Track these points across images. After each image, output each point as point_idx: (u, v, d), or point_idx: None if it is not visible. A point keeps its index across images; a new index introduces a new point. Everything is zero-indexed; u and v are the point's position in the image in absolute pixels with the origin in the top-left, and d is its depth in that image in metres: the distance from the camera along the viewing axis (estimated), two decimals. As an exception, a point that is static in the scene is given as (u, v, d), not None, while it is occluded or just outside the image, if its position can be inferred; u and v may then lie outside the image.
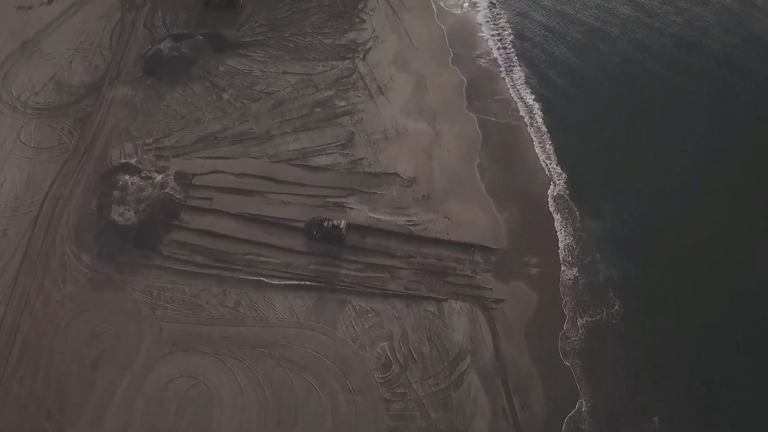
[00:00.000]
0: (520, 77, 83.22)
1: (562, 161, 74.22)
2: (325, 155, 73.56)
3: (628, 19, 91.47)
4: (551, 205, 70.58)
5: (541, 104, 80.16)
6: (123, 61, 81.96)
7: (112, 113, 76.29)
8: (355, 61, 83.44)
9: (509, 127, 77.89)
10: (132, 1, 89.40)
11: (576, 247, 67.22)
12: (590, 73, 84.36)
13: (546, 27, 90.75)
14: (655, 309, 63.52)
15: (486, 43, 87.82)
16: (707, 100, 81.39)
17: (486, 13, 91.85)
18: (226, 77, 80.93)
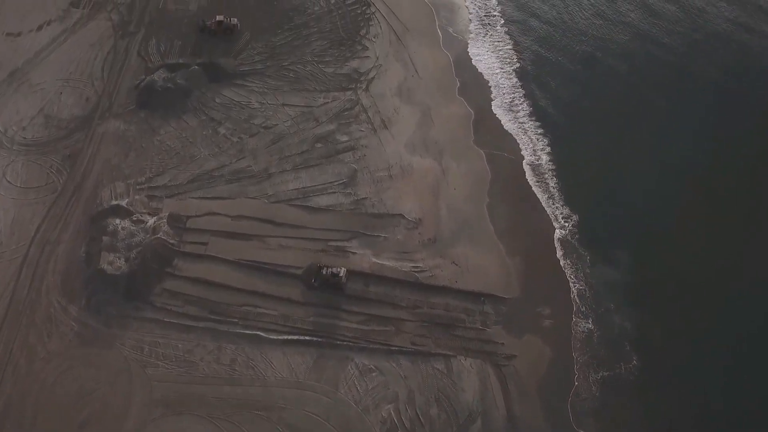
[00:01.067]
0: (527, 110, 79.63)
1: (572, 202, 71.05)
2: (326, 195, 70.03)
3: (635, 54, 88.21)
4: (562, 249, 67.24)
5: (549, 139, 76.79)
6: (115, 93, 78.36)
7: (103, 149, 72.70)
8: (357, 92, 79.89)
9: (519, 164, 74.43)
10: (125, 28, 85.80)
11: (589, 296, 63.80)
12: (598, 106, 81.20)
13: (553, 55, 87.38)
14: (675, 363, 60.06)
15: (493, 72, 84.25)
16: (717, 134, 78.25)
17: (492, 39, 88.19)
18: (222, 110, 77.36)
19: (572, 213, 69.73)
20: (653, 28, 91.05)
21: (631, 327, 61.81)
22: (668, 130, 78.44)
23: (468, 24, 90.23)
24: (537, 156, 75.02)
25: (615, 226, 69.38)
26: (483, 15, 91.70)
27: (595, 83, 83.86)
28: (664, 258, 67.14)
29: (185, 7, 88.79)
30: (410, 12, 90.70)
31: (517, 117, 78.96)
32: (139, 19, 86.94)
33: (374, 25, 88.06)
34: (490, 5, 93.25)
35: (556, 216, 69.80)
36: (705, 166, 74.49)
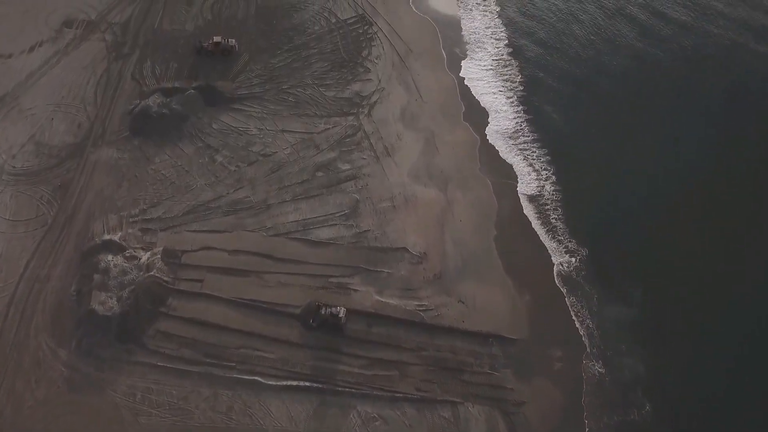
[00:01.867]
0: (531, 136, 76.93)
1: (579, 234, 68.28)
2: (327, 227, 67.38)
3: (646, 80, 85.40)
4: (570, 286, 64.47)
5: (555, 167, 74.13)
6: (108, 118, 75.69)
7: (95, 179, 70.03)
8: (359, 118, 77.25)
9: (526, 194, 71.71)
10: (119, 49, 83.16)
11: (600, 336, 61.15)
12: (605, 132, 78.32)
13: (558, 76, 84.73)
14: (690, 409, 57.38)
15: (497, 96, 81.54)
16: (730, 163, 75.83)
17: (499, 62, 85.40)
18: (219, 136, 74.73)
19: (580, 247, 67.08)
20: (654, 49, 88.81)
21: (644, 370, 59.14)
22: (674, 155, 76.06)
23: (474, 44, 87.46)
24: (541, 185, 72.37)
25: (624, 259, 66.68)
26: (489, 35, 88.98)
27: (602, 106, 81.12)
28: (675, 293, 64.53)
29: (181, 27, 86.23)
30: (413, 31, 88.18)
31: (520, 144, 76.21)
32: (133, 40, 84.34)
33: (376, 46, 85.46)
34: (495, 24, 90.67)
35: (562, 250, 67.15)
36: (716, 196, 71.91)
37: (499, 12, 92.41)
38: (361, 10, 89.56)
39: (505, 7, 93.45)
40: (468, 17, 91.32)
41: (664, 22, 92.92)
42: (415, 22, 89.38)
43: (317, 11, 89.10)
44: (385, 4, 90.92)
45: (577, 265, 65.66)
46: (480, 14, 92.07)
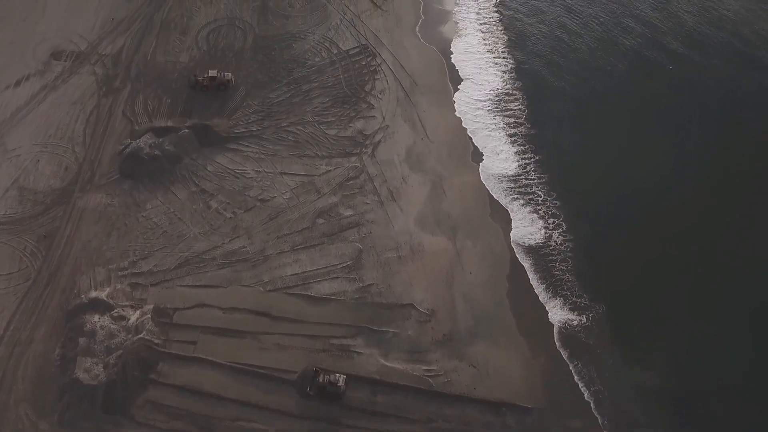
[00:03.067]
0: (542, 178, 72.50)
1: (595, 289, 63.81)
2: (328, 281, 63.28)
3: (658, 113, 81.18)
4: (587, 348, 60.08)
5: (565, 212, 69.42)
6: (97, 160, 71.62)
7: (82, 228, 65.95)
8: (362, 158, 73.14)
9: (538, 243, 67.45)
10: (110, 83, 79.07)
11: (617, 404, 56.75)
12: (616, 177, 73.62)
13: (569, 115, 79.91)
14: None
15: (505, 135, 77.29)
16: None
17: (507, 97, 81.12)
18: (214, 179, 70.62)
19: (598, 303, 62.75)
20: (671, 90, 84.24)
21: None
22: (700, 203, 71.48)
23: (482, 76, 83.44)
24: (549, 234, 67.87)
25: (642, 317, 62.38)
26: (497, 63, 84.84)
27: (619, 150, 76.51)
28: (701, 353, 60.29)
29: (175, 59, 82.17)
30: (419, 63, 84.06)
31: (534, 185, 71.97)
32: (125, 73, 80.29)
33: (380, 79, 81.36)
34: (501, 49, 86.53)
35: (568, 306, 62.75)
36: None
37: (507, 41, 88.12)
38: (364, 40, 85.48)
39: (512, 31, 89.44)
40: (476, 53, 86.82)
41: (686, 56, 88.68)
42: (421, 52, 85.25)
43: (318, 41, 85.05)
44: (389, 33, 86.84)
45: (599, 323, 61.34)
46: (484, 47, 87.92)
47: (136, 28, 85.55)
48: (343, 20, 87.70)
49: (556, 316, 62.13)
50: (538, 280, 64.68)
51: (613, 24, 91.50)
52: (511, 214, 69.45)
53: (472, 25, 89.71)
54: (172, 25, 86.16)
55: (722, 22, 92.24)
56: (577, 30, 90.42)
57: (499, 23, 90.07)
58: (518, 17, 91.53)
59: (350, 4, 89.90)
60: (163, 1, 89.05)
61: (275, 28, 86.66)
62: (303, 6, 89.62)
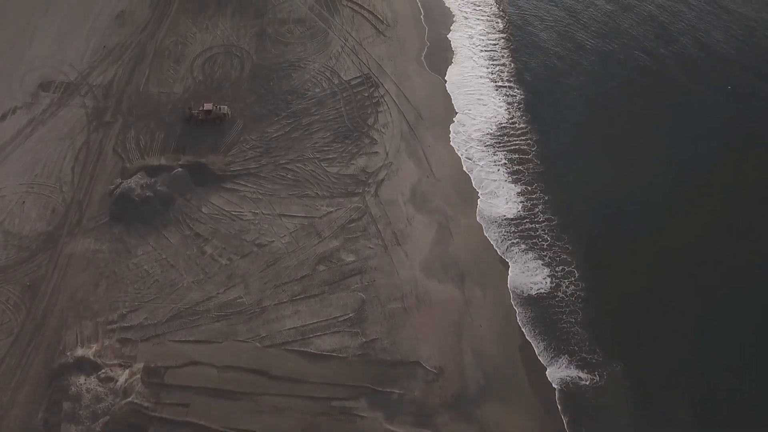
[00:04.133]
0: (553, 220, 68.59)
1: (612, 341, 60.08)
2: (329, 335, 59.65)
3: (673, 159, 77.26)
4: (604, 413, 56.40)
5: (577, 258, 65.58)
6: (86, 201, 68.07)
7: (69, 277, 62.38)
8: (365, 198, 69.50)
9: (542, 293, 63.62)
10: (100, 116, 75.51)
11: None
12: (637, 220, 69.43)
13: (579, 154, 75.91)
14: None
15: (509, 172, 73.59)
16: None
17: (514, 129, 77.44)
18: (209, 222, 67.02)
19: (616, 361, 58.99)
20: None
21: None
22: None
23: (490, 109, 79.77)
24: (557, 282, 64.07)
25: (669, 377, 58.62)
26: (506, 94, 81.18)
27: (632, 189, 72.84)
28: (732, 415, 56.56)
29: (169, 90, 78.65)
30: (424, 93, 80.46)
31: (534, 231, 68.07)
32: (116, 106, 76.78)
33: (383, 112, 77.73)
34: (509, 78, 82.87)
35: (603, 366, 59.02)
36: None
37: (515, 70, 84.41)
38: (366, 69, 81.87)
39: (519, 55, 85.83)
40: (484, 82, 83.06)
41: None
42: (426, 82, 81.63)
43: (318, 70, 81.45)
44: (392, 61, 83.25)
45: (620, 384, 57.54)
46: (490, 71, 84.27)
47: (128, 57, 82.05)
48: (344, 47, 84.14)
49: (565, 374, 58.33)
50: (562, 331, 60.79)
51: (628, 58, 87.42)
52: (510, 262, 65.45)
53: (478, 53, 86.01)
54: (166, 53, 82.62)
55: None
56: (590, 60, 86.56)
57: (507, 50, 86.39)
58: (528, 42, 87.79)
59: (352, 30, 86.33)
60: (157, 28, 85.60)
61: (274, 56, 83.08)
62: (303, 32, 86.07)
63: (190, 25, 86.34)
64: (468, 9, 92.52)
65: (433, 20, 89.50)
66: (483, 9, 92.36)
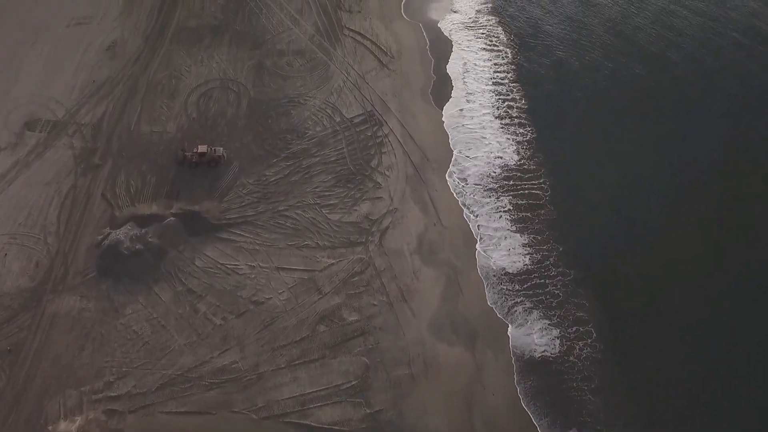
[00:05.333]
0: (568, 275, 64.52)
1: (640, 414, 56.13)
2: (330, 405, 55.61)
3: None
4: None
5: (600, 317, 61.69)
6: (72, 254, 63.97)
7: (53, 339, 58.28)
8: (368, 249, 65.49)
9: (561, 354, 59.72)
10: (88, 158, 71.40)
11: None
12: (666, 275, 65.56)
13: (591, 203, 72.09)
14: None
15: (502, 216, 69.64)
16: None
17: (523, 173, 73.38)
18: (203, 277, 62.98)
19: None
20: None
21: None
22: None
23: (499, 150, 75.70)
24: (571, 344, 60.02)
25: None
26: (516, 133, 77.12)
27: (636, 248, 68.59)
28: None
29: (162, 129, 74.57)
30: (430, 132, 76.56)
31: (544, 287, 63.94)
32: (105, 147, 72.69)
33: (388, 153, 73.71)
34: (519, 115, 78.89)
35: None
36: None
37: (526, 105, 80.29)
38: (370, 106, 77.85)
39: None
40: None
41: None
42: (433, 120, 77.68)
43: (319, 107, 77.42)
44: (397, 97, 79.23)
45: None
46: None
47: (119, 92, 78.01)
48: (346, 82, 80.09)
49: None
50: (573, 395, 56.81)
51: (652, 86, 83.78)
52: (512, 324, 61.18)
53: (486, 87, 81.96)
54: (158, 89, 78.54)
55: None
56: (605, 90, 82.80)
57: (516, 84, 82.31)
58: (539, 76, 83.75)
59: (354, 63, 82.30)
60: (150, 60, 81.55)
61: (272, 91, 79.03)
62: (303, 65, 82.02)
63: (185, 57, 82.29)
64: (475, 40, 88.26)
65: (439, 52, 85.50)
66: (490, 39, 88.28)
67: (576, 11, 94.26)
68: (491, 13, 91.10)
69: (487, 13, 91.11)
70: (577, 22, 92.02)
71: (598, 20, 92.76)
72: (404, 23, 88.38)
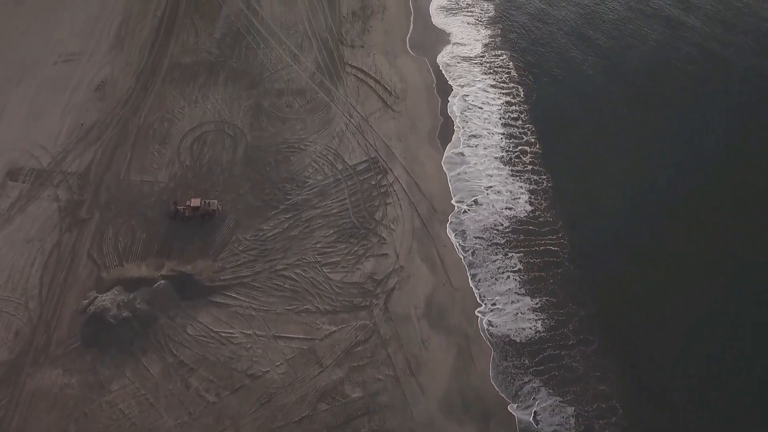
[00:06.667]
0: (591, 344, 60.02)
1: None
2: (333, 498, 51.33)
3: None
4: None
5: (626, 391, 57.26)
6: (55, 320, 59.57)
7: (32, 420, 53.84)
8: (373, 314, 61.10)
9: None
10: (74, 212, 66.98)
11: None
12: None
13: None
14: None
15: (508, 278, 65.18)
16: None
17: (537, 227, 68.85)
18: (195, 347, 58.55)
19: None
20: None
21: None
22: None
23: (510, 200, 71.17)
24: (590, 422, 55.64)
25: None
26: (529, 180, 72.61)
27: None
28: None
29: (153, 179, 70.09)
30: (438, 180, 72.12)
31: (560, 358, 59.35)
32: (93, 198, 68.29)
33: (393, 203, 69.23)
34: (533, 161, 74.42)
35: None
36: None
37: (541, 148, 75.67)
38: (374, 152, 73.34)
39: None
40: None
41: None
42: (439, 167, 73.12)
43: (320, 153, 72.93)
44: (402, 141, 74.72)
45: None
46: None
47: (108, 137, 73.53)
48: (348, 125, 75.59)
49: None
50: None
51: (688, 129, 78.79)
52: (518, 406, 56.69)
53: (496, 129, 77.32)
54: (150, 133, 74.07)
55: None
56: (632, 143, 76.93)
57: (530, 125, 77.42)
58: (554, 114, 78.71)
59: (357, 104, 77.77)
60: (141, 101, 77.07)
61: (270, 135, 74.56)
62: (302, 106, 77.48)
63: (178, 97, 77.81)
64: (486, 77, 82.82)
65: (446, 90, 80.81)
66: (501, 76, 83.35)
67: (602, 47, 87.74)
68: (501, 47, 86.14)
69: (497, 48, 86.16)
70: (602, 58, 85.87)
71: (625, 57, 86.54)
72: (409, 59, 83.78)
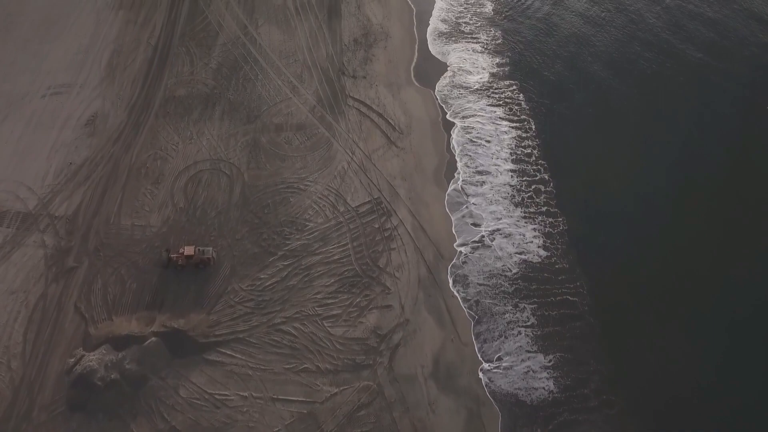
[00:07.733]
0: (613, 406, 56.17)
1: None
2: None
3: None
4: None
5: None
6: (39, 382, 56.02)
7: (12, 497, 50.54)
8: (377, 373, 57.40)
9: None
10: (62, 260, 63.48)
11: None
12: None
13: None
14: None
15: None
16: None
17: (554, 276, 65.05)
18: (188, 411, 54.95)
19: None
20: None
21: None
22: None
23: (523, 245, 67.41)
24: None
25: None
26: (544, 223, 68.88)
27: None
28: None
29: (145, 223, 66.55)
30: (444, 224, 68.34)
31: (577, 424, 55.65)
32: (81, 244, 64.79)
33: (397, 249, 65.55)
34: (546, 198, 70.67)
35: None
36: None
37: (555, 189, 71.79)
38: (377, 192, 69.65)
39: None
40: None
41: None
42: (446, 209, 69.45)
43: (320, 193, 69.26)
44: (406, 180, 70.98)
45: None
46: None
47: (98, 176, 70.04)
48: (351, 163, 71.91)
49: None
50: None
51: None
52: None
53: (505, 165, 73.54)
54: (142, 172, 70.50)
55: None
56: (654, 180, 72.61)
57: (543, 161, 72.97)
58: (568, 149, 74.22)
59: (359, 140, 74.08)
60: (133, 138, 73.54)
61: (269, 174, 70.93)
62: (302, 142, 73.82)
63: (172, 133, 74.25)
64: (496, 110, 78.47)
65: (453, 125, 77.02)
66: (511, 108, 79.32)
67: (625, 79, 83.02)
68: (510, 77, 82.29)
69: (506, 78, 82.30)
70: (617, 88, 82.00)
71: (652, 88, 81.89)
72: (414, 91, 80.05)
